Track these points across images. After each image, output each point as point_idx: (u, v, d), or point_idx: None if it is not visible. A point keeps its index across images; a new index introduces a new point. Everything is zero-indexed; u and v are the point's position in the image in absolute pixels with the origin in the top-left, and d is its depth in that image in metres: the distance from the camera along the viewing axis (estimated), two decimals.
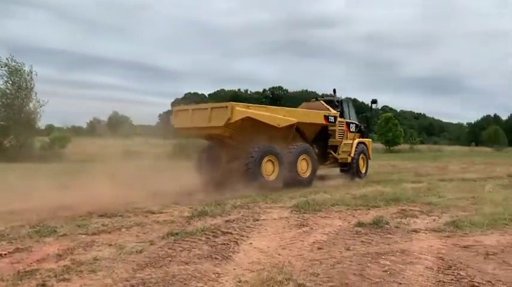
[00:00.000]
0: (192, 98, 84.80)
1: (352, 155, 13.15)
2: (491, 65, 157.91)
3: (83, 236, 5.31)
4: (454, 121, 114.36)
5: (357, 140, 13.59)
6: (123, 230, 5.70)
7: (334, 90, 14.22)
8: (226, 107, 9.67)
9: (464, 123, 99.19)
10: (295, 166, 10.84)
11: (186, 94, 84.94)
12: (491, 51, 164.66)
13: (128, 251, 4.57)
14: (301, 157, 11.08)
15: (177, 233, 5.36)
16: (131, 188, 9.05)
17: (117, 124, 17.75)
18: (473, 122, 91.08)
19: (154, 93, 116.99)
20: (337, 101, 13.54)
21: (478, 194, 9.23)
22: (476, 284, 3.69)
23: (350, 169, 13.21)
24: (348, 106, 14.04)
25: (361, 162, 13.66)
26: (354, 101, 14.54)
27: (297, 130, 11.31)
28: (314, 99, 14.12)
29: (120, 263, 4.17)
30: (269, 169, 10.30)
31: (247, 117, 9.76)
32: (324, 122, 11.94)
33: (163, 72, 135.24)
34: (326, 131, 12.38)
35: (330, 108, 12.65)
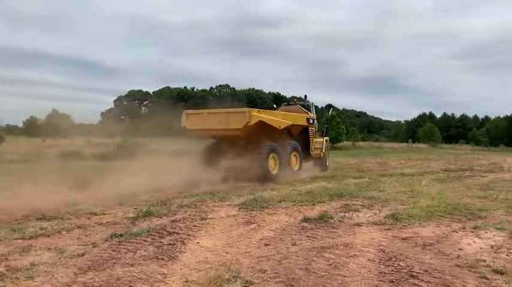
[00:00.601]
0: (136, 96, 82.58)
1: (323, 151, 14.97)
2: (427, 66, 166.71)
3: (19, 240, 5.00)
4: (393, 119, 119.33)
5: (324, 139, 15.43)
6: (63, 233, 5.44)
7: (305, 96, 15.66)
8: (244, 112, 10.83)
9: (402, 121, 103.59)
10: (289, 161, 12.28)
11: (129, 91, 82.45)
12: (427, 53, 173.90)
13: (68, 254, 4.36)
14: (292, 154, 12.61)
15: (121, 235, 5.19)
16: (72, 190, 8.65)
17: (56, 123, 16.96)
18: (410, 119, 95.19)
19: (96, 90, 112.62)
20: (307, 105, 14.99)
21: (415, 188, 9.75)
22: (415, 273, 3.90)
23: (322, 163, 15.03)
24: (313, 109, 15.56)
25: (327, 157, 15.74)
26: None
27: (288, 131, 12.76)
28: (286, 104, 15.69)
29: (60, 267, 3.98)
30: (272, 165, 11.54)
31: (259, 120, 10.93)
32: (306, 123, 13.76)
33: (104, 69, 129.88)
34: (306, 131, 13.99)
35: (308, 112, 14.38)
